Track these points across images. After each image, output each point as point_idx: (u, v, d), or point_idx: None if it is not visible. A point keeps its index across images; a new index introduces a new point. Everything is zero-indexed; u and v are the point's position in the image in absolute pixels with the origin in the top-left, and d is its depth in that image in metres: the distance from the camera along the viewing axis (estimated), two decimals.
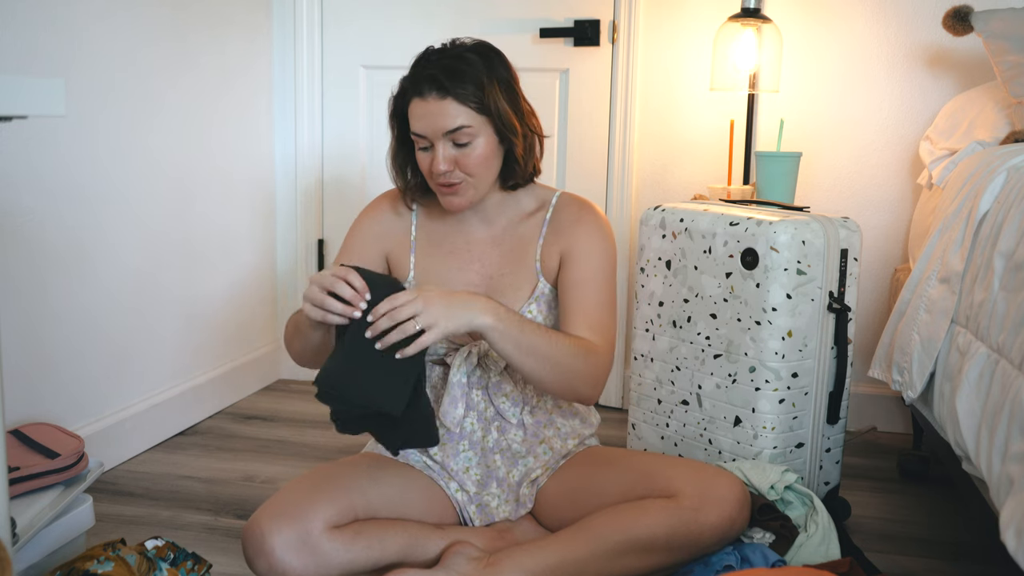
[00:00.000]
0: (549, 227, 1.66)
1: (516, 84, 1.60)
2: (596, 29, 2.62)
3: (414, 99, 1.54)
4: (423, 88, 1.53)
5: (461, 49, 1.56)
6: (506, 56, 1.61)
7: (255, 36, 2.74)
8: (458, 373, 1.60)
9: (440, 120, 1.52)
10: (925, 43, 2.46)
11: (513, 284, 1.64)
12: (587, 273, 1.61)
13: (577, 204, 1.68)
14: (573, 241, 1.63)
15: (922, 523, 1.96)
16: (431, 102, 1.52)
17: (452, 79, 1.51)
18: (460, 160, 1.55)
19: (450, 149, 1.54)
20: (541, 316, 1.63)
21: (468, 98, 1.52)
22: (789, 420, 1.80)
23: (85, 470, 1.69)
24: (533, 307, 1.63)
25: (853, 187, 2.55)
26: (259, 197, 2.82)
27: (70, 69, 2.00)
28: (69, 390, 2.05)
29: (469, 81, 1.52)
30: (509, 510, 1.63)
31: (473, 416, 1.64)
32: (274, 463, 2.24)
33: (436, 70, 1.52)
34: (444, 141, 1.54)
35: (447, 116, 1.52)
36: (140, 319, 2.28)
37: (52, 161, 1.96)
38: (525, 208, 1.69)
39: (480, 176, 1.58)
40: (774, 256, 1.75)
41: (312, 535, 1.41)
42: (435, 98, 1.52)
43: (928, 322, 1.71)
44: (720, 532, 1.49)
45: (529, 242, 1.66)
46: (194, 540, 1.80)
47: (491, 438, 1.64)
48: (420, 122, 1.54)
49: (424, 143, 1.56)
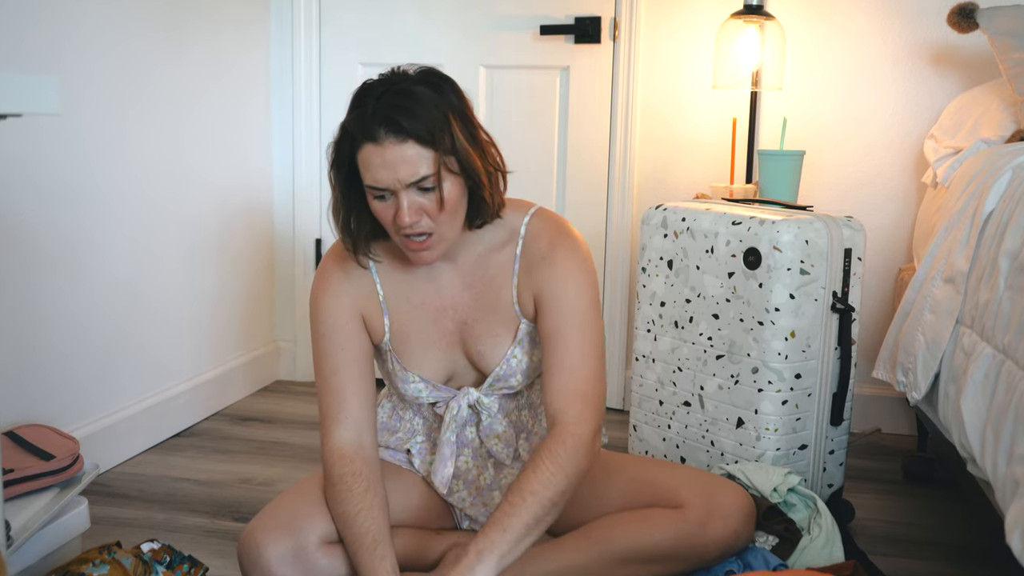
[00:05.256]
0: (521, 263, 1.50)
1: (472, 114, 1.42)
2: (597, 26, 2.63)
3: (366, 145, 1.34)
4: (375, 132, 1.32)
5: (408, 82, 1.37)
6: (456, 82, 1.42)
7: (251, 32, 2.74)
8: (448, 431, 1.54)
9: (403, 168, 1.33)
10: (930, 40, 2.46)
11: (489, 331, 1.52)
12: (566, 319, 1.46)
13: (547, 234, 1.50)
14: (545, 283, 1.48)
15: (927, 526, 1.96)
16: (388, 147, 1.32)
17: (409, 118, 1.32)
18: (426, 208, 1.37)
19: (414, 196, 1.36)
20: (526, 358, 1.52)
21: (429, 140, 1.33)
22: (792, 422, 1.80)
23: (80, 472, 1.68)
24: (517, 351, 1.52)
25: (857, 186, 2.55)
26: (256, 195, 2.82)
27: (60, 64, 2.00)
28: (64, 391, 2.05)
29: (427, 119, 1.33)
30: None
31: (467, 454, 1.60)
32: (271, 465, 2.24)
33: (389, 110, 1.32)
34: (408, 190, 1.35)
35: (409, 163, 1.33)
36: (134, 319, 2.28)
37: (41, 160, 1.96)
38: (492, 243, 1.52)
39: (449, 223, 1.40)
40: (777, 256, 1.75)
41: (308, 550, 1.41)
42: (393, 143, 1.32)
43: (933, 322, 1.71)
44: (725, 545, 1.48)
45: (503, 283, 1.51)
46: (190, 543, 1.80)
47: (487, 475, 1.60)
48: (379, 172, 1.34)
49: (381, 193, 1.37)
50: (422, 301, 1.53)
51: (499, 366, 1.52)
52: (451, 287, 1.53)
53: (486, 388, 1.54)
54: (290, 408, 2.71)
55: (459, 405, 1.54)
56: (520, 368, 1.53)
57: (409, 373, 1.53)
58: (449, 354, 1.54)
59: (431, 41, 2.76)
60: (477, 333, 1.52)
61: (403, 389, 1.55)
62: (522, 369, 1.53)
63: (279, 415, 2.64)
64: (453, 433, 1.55)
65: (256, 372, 2.86)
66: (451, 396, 1.55)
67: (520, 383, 1.55)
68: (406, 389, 1.55)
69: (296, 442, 2.41)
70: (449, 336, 1.53)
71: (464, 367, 1.55)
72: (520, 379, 1.54)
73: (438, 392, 1.55)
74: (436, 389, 1.54)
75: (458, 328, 1.53)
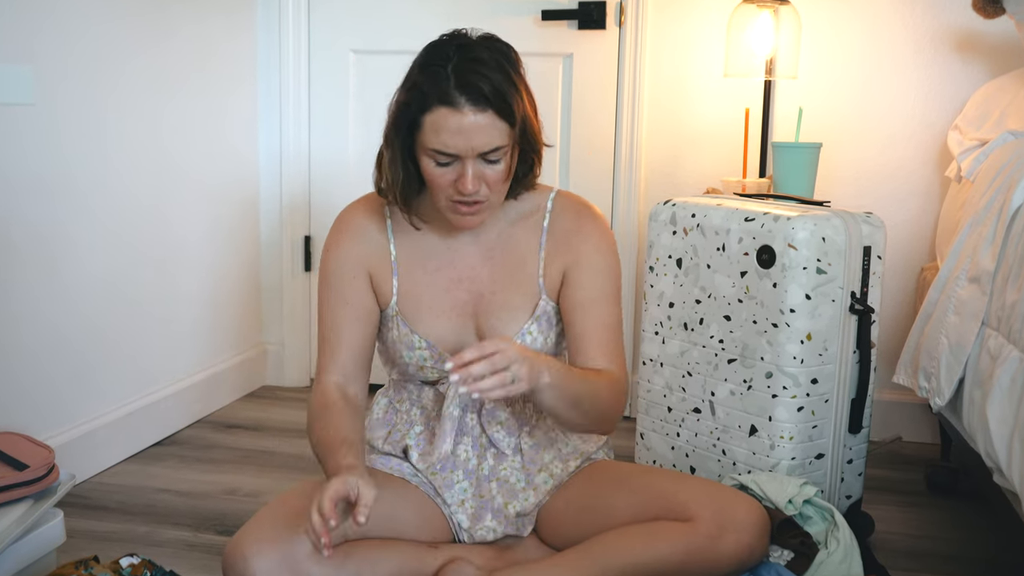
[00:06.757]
0: (548, 237, 1.60)
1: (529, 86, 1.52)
2: (602, 11, 2.62)
3: (440, 108, 1.41)
4: (454, 97, 1.40)
5: (479, 48, 1.44)
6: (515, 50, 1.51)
7: (237, 18, 2.74)
8: (452, 405, 1.58)
9: (478, 137, 1.41)
10: (954, 26, 2.46)
11: (507, 304, 1.58)
12: (596, 292, 1.57)
13: (575, 209, 1.62)
14: (577, 256, 1.58)
15: (951, 539, 1.96)
16: (467, 115, 1.40)
17: (489, 87, 1.40)
18: (487, 176, 1.46)
19: (480, 164, 1.45)
20: (542, 337, 1.59)
21: (507, 112, 1.42)
22: (808, 429, 1.80)
23: (56, 483, 1.68)
24: (533, 328, 1.58)
25: (876, 180, 2.55)
26: (242, 189, 2.82)
27: (34, 52, 1.99)
28: (38, 397, 2.05)
29: (504, 90, 1.41)
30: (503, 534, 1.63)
31: (467, 442, 1.61)
32: (258, 475, 2.24)
33: (472, 76, 1.40)
34: (476, 159, 1.44)
35: (486, 132, 1.41)
36: (113, 320, 2.28)
37: (14, 152, 1.96)
38: (516, 216, 1.61)
39: (501, 192, 1.51)
40: (792, 254, 1.75)
41: (298, 559, 1.41)
42: (472, 110, 1.40)
43: (957, 324, 1.71)
44: (738, 561, 1.48)
45: (527, 254, 1.60)
46: (172, 557, 1.80)
47: (486, 465, 1.62)
48: (452, 138, 1.41)
49: (447, 159, 1.44)
50: (437, 267, 1.60)
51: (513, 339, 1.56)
52: (470, 257, 1.60)
53: None
54: (278, 415, 2.71)
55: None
56: (534, 346, 1.58)
57: (415, 336, 1.57)
58: (459, 325, 1.59)
59: (427, 26, 2.72)
60: (493, 306, 1.58)
61: (407, 357, 1.59)
62: (536, 347, 1.58)
63: (266, 422, 2.64)
64: (457, 408, 1.58)
65: (242, 376, 2.86)
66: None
67: None
68: (410, 357, 1.58)
69: (285, 451, 2.41)
70: (462, 307, 1.59)
71: (473, 342, 1.58)
72: None
73: (442, 363, 1.58)
74: (440, 359, 1.58)
75: (473, 300, 1.59)
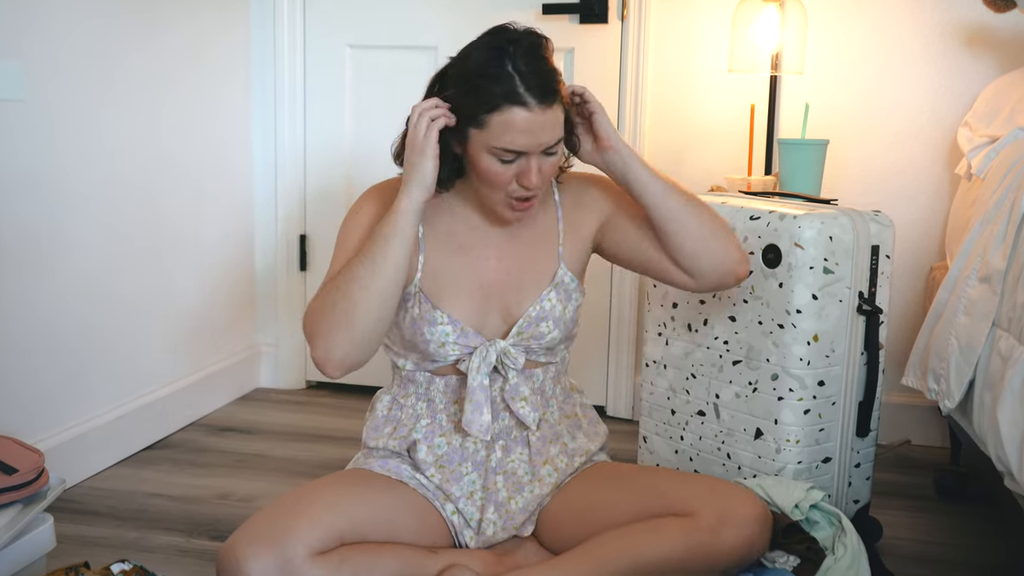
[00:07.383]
0: (564, 210, 1.68)
1: None
2: (604, 5, 2.62)
3: (512, 108, 1.44)
4: (525, 98, 1.44)
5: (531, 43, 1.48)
6: None
7: (230, 13, 2.74)
8: (478, 376, 1.59)
9: (545, 134, 1.47)
10: (964, 20, 2.46)
11: (534, 278, 1.64)
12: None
13: (578, 178, 1.72)
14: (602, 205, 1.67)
15: (960, 545, 1.96)
16: (537, 113, 1.45)
17: (553, 83, 1.47)
18: (546, 169, 1.52)
19: (543, 158, 1.50)
20: (560, 305, 1.64)
21: (562, 104, 1.49)
22: (815, 432, 1.80)
23: (45, 487, 1.68)
24: (552, 295, 1.63)
25: (885, 178, 2.55)
26: (236, 187, 2.82)
27: (24, 48, 2.00)
28: (27, 399, 2.05)
29: (559, 84, 1.48)
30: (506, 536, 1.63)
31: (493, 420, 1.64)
32: (252, 479, 2.24)
33: (538, 76, 1.45)
34: (540, 154, 1.49)
35: (552, 128, 1.48)
36: (103, 321, 2.28)
37: (1, 147, 1.96)
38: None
39: (550, 182, 1.61)
40: (798, 253, 1.75)
41: (293, 562, 1.41)
42: (541, 109, 1.45)
43: (967, 325, 1.71)
44: (739, 554, 1.50)
45: (548, 229, 1.67)
46: (164, 563, 1.80)
47: (495, 457, 1.64)
48: (522, 137, 1.45)
49: (512, 156, 1.48)
50: (460, 244, 1.63)
51: (532, 307, 1.61)
52: (498, 236, 1.65)
53: (514, 336, 1.60)
54: (272, 418, 2.71)
55: (486, 350, 1.60)
56: (552, 315, 1.62)
57: (438, 312, 1.59)
58: (482, 303, 1.62)
59: (425, 21, 2.76)
60: (521, 281, 1.63)
61: (428, 334, 1.59)
62: (555, 316, 1.62)
63: (260, 426, 2.64)
64: (485, 377, 1.60)
65: (236, 379, 2.86)
66: (478, 344, 1.60)
67: (550, 332, 1.61)
68: (432, 333, 1.59)
69: (279, 455, 2.41)
70: (487, 287, 1.62)
71: (495, 322, 1.63)
72: (551, 326, 1.61)
73: (465, 338, 1.60)
74: (464, 335, 1.60)
75: (500, 278, 1.63)
